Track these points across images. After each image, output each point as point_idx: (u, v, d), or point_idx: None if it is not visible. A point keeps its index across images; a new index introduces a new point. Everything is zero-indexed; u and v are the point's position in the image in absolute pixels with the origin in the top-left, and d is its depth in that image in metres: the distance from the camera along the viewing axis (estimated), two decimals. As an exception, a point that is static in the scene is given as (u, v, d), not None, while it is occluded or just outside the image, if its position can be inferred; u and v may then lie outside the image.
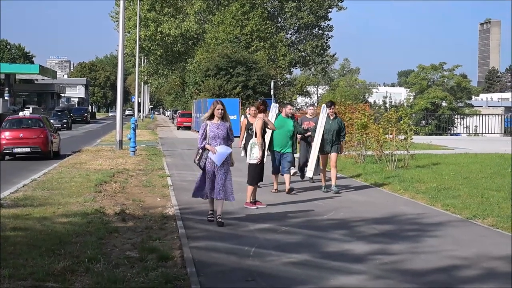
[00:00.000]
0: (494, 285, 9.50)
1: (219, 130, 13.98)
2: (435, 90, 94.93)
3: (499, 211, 15.36)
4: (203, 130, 14.08)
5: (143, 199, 17.29)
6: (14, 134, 32.49)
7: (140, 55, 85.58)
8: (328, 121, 19.37)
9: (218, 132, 13.95)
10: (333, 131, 19.28)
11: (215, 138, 13.93)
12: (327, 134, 19.28)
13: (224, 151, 13.93)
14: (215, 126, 14.01)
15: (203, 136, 14.04)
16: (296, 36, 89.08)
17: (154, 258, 10.59)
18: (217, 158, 13.87)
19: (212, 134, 13.93)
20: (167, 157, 31.29)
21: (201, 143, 14.06)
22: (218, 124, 14.04)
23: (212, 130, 13.95)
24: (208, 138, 13.97)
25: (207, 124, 14.06)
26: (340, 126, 19.53)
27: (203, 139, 14.04)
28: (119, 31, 38.30)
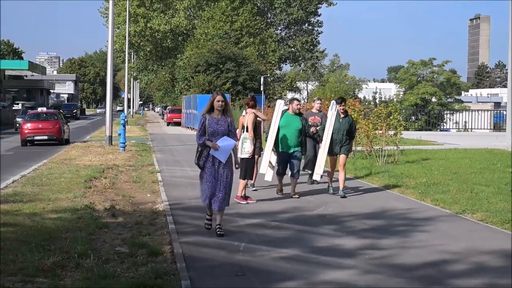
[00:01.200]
0: (483, 279, 9.53)
1: (219, 126, 12.38)
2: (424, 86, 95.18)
3: (488, 206, 15.41)
4: (202, 125, 12.42)
5: (133, 194, 17.28)
6: (34, 125, 40.53)
7: (129, 51, 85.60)
8: (338, 120, 17.67)
9: (218, 128, 12.36)
10: (343, 131, 17.58)
11: (214, 134, 12.32)
12: (337, 134, 17.59)
13: (227, 143, 12.32)
14: (214, 121, 12.39)
15: (202, 131, 12.42)
16: (286, 31, 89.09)
17: (144, 254, 10.60)
18: (221, 154, 12.31)
19: (211, 130, 12.33)
20: (157, 153, 31.27)
21: (200, 139, 12.42)
22: (218, 119, 12.43)
23: (211, 126, 12.35)
24: (207, 134, 12.35)
25: (205, 118, 12.42)
26: (351, 125, 17.80)
27: (201, 135, 12.41)
28: (109, 27, 38.26)
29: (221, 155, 12.32)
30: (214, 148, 12.27)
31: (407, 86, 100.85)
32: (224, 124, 12.44)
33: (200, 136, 12.44)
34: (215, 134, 12.35)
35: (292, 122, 17.27)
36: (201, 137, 12.42)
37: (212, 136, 12.34)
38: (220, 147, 12.28)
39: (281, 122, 17.33)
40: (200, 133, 12.45)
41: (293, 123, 17.25)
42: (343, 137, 17.63)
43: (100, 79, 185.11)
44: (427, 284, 9.25)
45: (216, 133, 12.36)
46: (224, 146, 12.31)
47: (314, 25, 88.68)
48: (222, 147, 12.30)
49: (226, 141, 12.35)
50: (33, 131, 40.13)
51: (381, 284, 9.23)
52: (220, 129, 12.40)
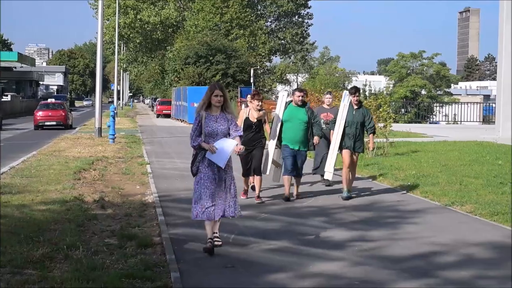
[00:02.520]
0: (472, 271, 9.55)
1: (218, 124, 10.52)
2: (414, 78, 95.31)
3: (477, 198, 15.45)
4: (197, 124, 10.55)
5: (122, 186, 17.25)
6: (45, 113, 49.97)
7: (119, 43, 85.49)
8: (351, 112, 15.91)
9: (217, 127, 10.50)
10: (357, 124, 15.82)
11: (212, 135, 10.49)
12: (350, 128, 15.81)
13: (226, 145, 10.48)
14: (212, 119, 10.53)
15: (197, 131, 10.54)
16: (276, 24, 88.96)
17: (133, 245, 10.58)
18: (219, 157, 10.45)
19: (208, 130, 10.47)
20: (147, 145, 31.26)
21: (194, 141, 10.52)
22: (217, 116, 10.56)
23: (209, 124, 10.49)
24: (204, 135, 10.51)
25: (201, 116, 10.52)
26: (366, 117, 16.03)
27: (196, 135, 10.53)
28: (98, 18, 38.18)
29: (219, 159, 10.46)
30: (210, 150, 10.38)
31: (397, 78, 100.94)
32: (224, 123, 10.56)
33: (195, 137, 10.54)
34: (214, 134, 10.50)
35: (297, 115, 15.57)
36: (196, 139, 10.52)
37: (210, 137, 10.47)
38: (218, 149, 10.39)
39: (284, 115, 15.71)
40: (195, 133, 10.54)
41: (297, 116, 15.54)
42: (357, 131, 15.86)
43: (89, 71, 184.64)
44: (416, 275, 9.26)
45: (215, 134, 10.50)
46: (223, 148, 10.43)
47: (304, 17, 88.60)
48: (220, 149, 10.41)
49: (225, 142, 10.51)
50: (44, 118, 49.46)
51: (370, 276, 9.25)
52: (220, 129, 10.53)
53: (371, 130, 16.14)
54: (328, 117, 17.73)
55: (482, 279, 9.17)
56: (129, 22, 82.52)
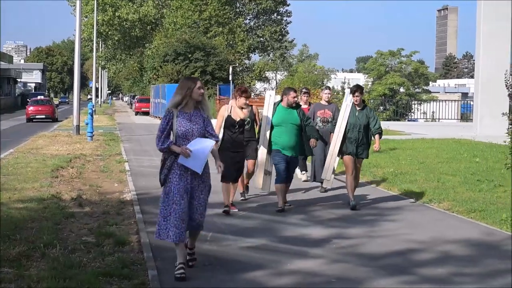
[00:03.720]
0: (449, 268, 9.60)
1: (193, 123, 8.94)
2: (393, 76, 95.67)
3: (454, 195, 15.51)
4: (166, 123, 8.93)
5: (100, 184, 17.19)
6: (36, 108, 59.25)
7: (97, 40, 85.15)
8: (353, 113, 14.26)
9: (192, 127, 8.92)
10: (360, 126, 14.13)
11: (186, 136, 8.91)
12: (352, 131, 14.16)
13: (201, 146, 8.89)
14: (186, 117, 8.95)
15: (166, 132, 8.94)
16: (254, 21, 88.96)
17: (111, 243, 10.55)
18: (195, 162, 8.84)
19: (182, 130, 8.89)
20: (125, 143, 31.16)
21: (163, 143, 8.91)
22: (191, 114, 8.99)
23: (182, 124, 8.90)
24: (175, 136, 8.96)
25: (172, 114, 8.94)
26: (370, 118, 14.25)
27: (165, 137, 8.93)
28: (76, 15, 38.09)
29: (195, 164, 8.84)
30: (184, 154, 8.76)
31: (376, 76, 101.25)
32: (200, 121, 8.99)
33: (163, 138, 8.91)
34: (188, 136, 8.90)
35: (289, 118, 13.85)
36: (165, 140, 8.90)
37: (184, 139, 8.88)
38: (193, 152, 8.77)
39: (274, 118, 13.97)
40: (163, 134, 8.90)
41: (289, 119, 13.83)
42: (360, 134, 14.14)
43: (68, 68, 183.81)
44: (393, 273, 9.29)
45: (189, 135, 8.90)
46: (199, 151, 8.83)
47: (283, 15, 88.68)
48: (196, 152, 8.80)
49: (200, 143, 8.90)
50: (35, 112, 58.45)
51: (347, 273, 9.26)
52: (195, 128, 8.94)
53: (377, 131, 14.24)
54: (325, 114, 16.46)
55: (459, 276, 9.22)
56: (107, 20, 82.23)
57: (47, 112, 58.61)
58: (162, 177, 9.09)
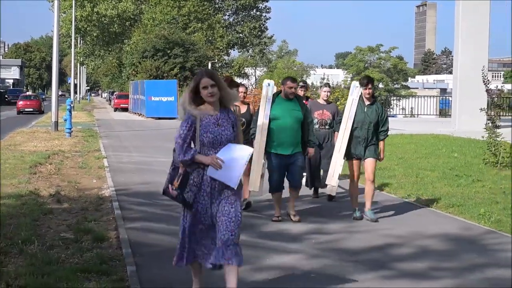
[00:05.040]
0: (428, 262, 9.64)
1: (222, 128, 7.28)
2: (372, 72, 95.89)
3: (433, 191, 15.58)
4: (188, 128, 7.23)
5: (78, 180, 17.11)
6: (25, 102, 69.15)
7: (76, 36, 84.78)
8: (361, 109, 12.54)
9: (221, 133, 7.26)
10: (369, 124, 12.43)
11: (214, 145, 7.25)
12: (360, 129, 12.46)
13: (236, 155, 7.23)
14: (212, 121, 7.28)
15: (188, 139, 7.25)
16: (234, 17, 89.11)
17: (89, 239, 10.50)
18: (229, 174, 7.19)
19: (210, 138, 7.21)
20: (104, 139, 31.06)
21: (186, 153, 7.20)
22: (217, 116, 7.31)
23: (210, 129, 7.23)
24: (200, 145, 7.27)
25: (194, 118, 7.24)
26: (380, 115, 12.54)
27: (187, 145, 7.24)
28: (54, 11, 37.85)
29: (228, 176, 7.20)
30: (214, 165, 7.14)
31: (355, 72, 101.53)
32: (228, 125, 7.33)
33: (187, 147, 7.24)
34: (216, 144, 7.26)
35: (289, 110, 12.14)
36: (188, 150, 7.23)
37: (211, 148, 7.25)
38: (226, 162, 7.15)
39: (273, 111, 12.25)
40: (185, 142, 7.23)
41: (290, 112, 12.10)
42: (369, 133, 12.47)
43: (46, 64, 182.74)
44: (372, 267, 9.31)
45: (218, 143, 7.25)
46: (233, 160, 7.20)
47: (262, 11, 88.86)
48: (229, 162, 7.17)
49: (234, 151, 7.27)
50: (24, 106, 68.03)
51: (327, 268, 9.27)
52: (224, 134, 7.28)
53: (383, 134, 12.61)
54: (323, 115, 14.47)
55: (437, 271, 9.25)
56: (86, 15, 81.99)
57: (34, 106, 68.56)
58: (190, 197, 7.31)
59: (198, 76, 7.32)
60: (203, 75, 7.29)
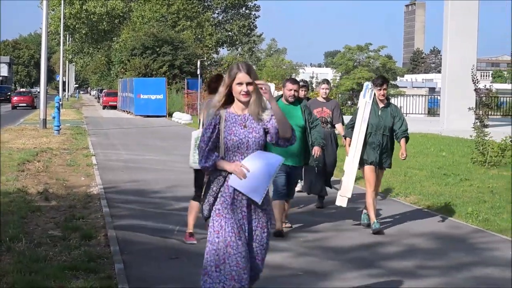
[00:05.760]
0: (415, 261, 9.67)
1: (249, 130, 6.22)
2: (361, 71, 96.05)
3: (421, 189, 15.61)
4: (212, 130, 6.24)
5: (67, 178, 17.08)
6: (19, 98, 75.45)
7: (65, 34, 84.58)
8: (375, 112, 11.60)
9: (247, 136, 6.20)
10: (384, 129, 11.56)
11: (239, 150, 6.21)
12: (375, 134, 11.56)
13: (264, 163, 6.18)
14: (238, 121, 6.25)
15: (211, 142, 6.24)
16: (223, 15, 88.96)
17: (77, 237, 10.48)
18: (254, 185, 6.14)
19: (233, 141, 6.19)
20: (92, 136, 31.01)
21: (207, 159, 6.23)
22: (245, 117, 6.26)
23: (233, 131, 6.21)
24: (223, 149, 6.23)
25: (219, 118, 6.25)
26: (396, 117, 11.66)
27: (210, 149, 6.24)
28: (43, 8, 37.81)
29: (253, 188, 6.15)
30: (237, 173, 6.12)
31: (344, 71, 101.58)
32: (257, 126, 6.25)
33: (208, 152, 6.23)
34: (241, 148, 6.21)
35: (290, 117, 9.52)
36: (210, 155, 6.23)
37: (236, 152, 6.21)
38: (251, 172, 6.12)
39: None
40: (207, 146, 6.24)
41: (291, 118, 9.62)
42: (384, 138, 11.63)
43: (34, 61, 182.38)
44: (360, 266, 9.34)
45: (244, 147, 6.21)
46: (259, 170, 6.15)
47: (251, 9, 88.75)
48: (255, 172, 6.13)
49: (262, 159, 6.20)
50: (18, 101, 74.36)
51: (314, 266, 9.28)
52: (252, 137, 6.21)
53: (403, 134, 11.71)
54: (323, 113, 13.64)
55: (424, 269, 9.28)
56: (74, 13, 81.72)
57: (27, 101, 74.73)
58: (206, 208, 6.34)
59: (234, 69, 6.24)
60: (240, 69, 6.22)
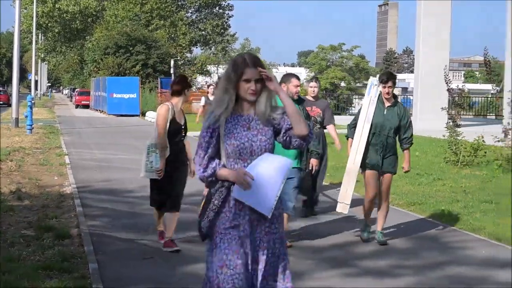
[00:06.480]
0: (389, 260, 9.71)
1: (254, 132, 5.35)
2: (334, 71, 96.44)
3: (394, 189, 15.59)
4: (210, 134, 5.35)
5: (40, 177, 16.98)
6: None
7: (37, 32, 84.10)
8: (380, 111, 10.69)
9: (251, 139, 5.33)
10: (389, 130, 10.62)
11: (242, 156, 5.33)
12: (379, 135, 10.64)
13: (271, 169, 5.27)
14: (241, 122, 5.38)
15: (212, 148, 5.37)
16: (196, 15, 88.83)
17: (50, 237, 10.41)
18: (261, 196, 5.24)
19: (234, 146, 5.31)
20: (65, 136, 30.84)
21: (205, 168, 5.36)
22: (250, 117, 5.38)
23: (235, 134, 5.33)
24: (226, 156, 5.34)
25: (218, 122, 5.34)
26: (403, 119, 10.76)
27: (210, 157, 5.36)
28: (16, 7, 37.51)
29: (259, 200, 5.24)
30: (242, 183, 5.19)
31: (317, 70, 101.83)
32: (264, 128, 5.38)
33: (207, 160, 5.36)
34: (245, 154, 5.33)
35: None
36: (209, 163, 5.35)
37: (238, 159, 5.32)
38: (257, 180, 5.19)
39: None
40: (206, 153, 5.36)
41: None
42: (388, 140, 10.66)
43: (6, 60, 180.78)
44: (335, 265, 9.36)
45: (247, 152, 5.32)
46: (266, 178, 5.23)
47: (225, 9, 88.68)
48: (262, 181, 5.21)
49: (269, 162, 5.29)
50: None
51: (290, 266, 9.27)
52: (257, 141, 5.32)
53: (407, 143, 10.82)
54: (312, 112, 12.62)
55: (399, 268, 9.33)
56: (47, 11, 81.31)
57: (3, 99, 76.06)
58: (204, 225, 5.41)
59: (240, 64, 5.33)
60: (248, 62, 5.32)
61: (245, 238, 5.28)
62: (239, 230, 5.29)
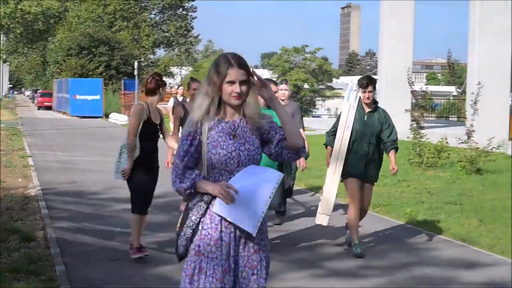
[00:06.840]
0: (356, 261, 9.75)
1: (240, 141, 4.78)
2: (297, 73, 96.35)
3: (360, 190, 15.73)
4: (189, 143, 4.76)
5: (3, 179, 16.83)
6: None
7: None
8: (360, 117, 10.19)
9: (238, 148, 4.76)
10: (371, 136, 10.15)
11: (227, 167, 4.74)
12: (359, 142, 10.14)
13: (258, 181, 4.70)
14: (226, 129, 4.79)
15: (188, 158, 4.78)
16: (160, 16, 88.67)
17: (16, 239, 10.34)
18: (245, 213, 4.65)
19: (221, 155, 4.71)
20: (28, 137, 30.62)
21: (182, 179, 4.78)
22: (235, 123, 4.81)
23: (220, 143, 4.74)
24: (208, 167, 4.76)
25: (200, 128, 4.76)
26: (384, 123, 10.23)
27: (188, 167, 4.78)
28: (-23, 7, 37.17)
29: (244, 217, 4.68)
30: (224, 197, 4.60)
31: (280, 72, 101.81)
32: (251, 137, 4.85)
33: (182, 170, 4.80)
34: (231, 165, 4.77)
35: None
36: (188, 174, 4.79)
37: (223, 170, 4.76)
38: (241, 195, 4.61)
39: None
40: (183, 164, 4.80)
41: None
42: (370, 147, 10.19)
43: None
44: (302, 266, 9.38)
45: (233, 163, 4.76)
46: (251, 192, 4.68)
47: (188, 10, 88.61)
48: (247, 195, 4.65)
49: (255, 175, 4.75)
50: None
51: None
52: (244, 151, 4.78)
53: (391, 144, 10.29)
54: None
55: (366, 269, 9.37)
56: (9, 12, 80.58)
57: None
58: (182, 244, 4.82)
59: (223, 64, 4.85)
60: (232, 63, 4.83)
61: (230, 259, 4.74)
62: (224, 251, 4.72)
